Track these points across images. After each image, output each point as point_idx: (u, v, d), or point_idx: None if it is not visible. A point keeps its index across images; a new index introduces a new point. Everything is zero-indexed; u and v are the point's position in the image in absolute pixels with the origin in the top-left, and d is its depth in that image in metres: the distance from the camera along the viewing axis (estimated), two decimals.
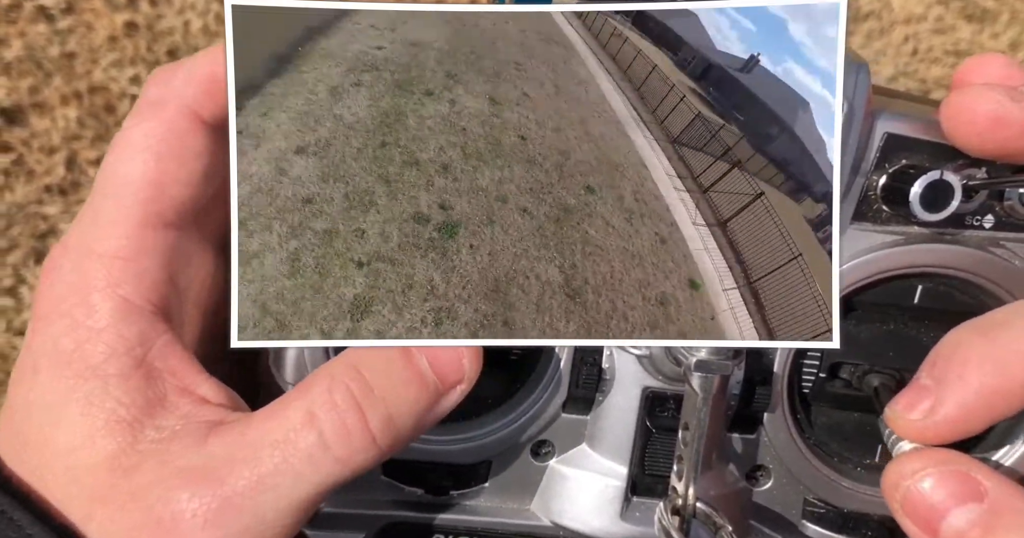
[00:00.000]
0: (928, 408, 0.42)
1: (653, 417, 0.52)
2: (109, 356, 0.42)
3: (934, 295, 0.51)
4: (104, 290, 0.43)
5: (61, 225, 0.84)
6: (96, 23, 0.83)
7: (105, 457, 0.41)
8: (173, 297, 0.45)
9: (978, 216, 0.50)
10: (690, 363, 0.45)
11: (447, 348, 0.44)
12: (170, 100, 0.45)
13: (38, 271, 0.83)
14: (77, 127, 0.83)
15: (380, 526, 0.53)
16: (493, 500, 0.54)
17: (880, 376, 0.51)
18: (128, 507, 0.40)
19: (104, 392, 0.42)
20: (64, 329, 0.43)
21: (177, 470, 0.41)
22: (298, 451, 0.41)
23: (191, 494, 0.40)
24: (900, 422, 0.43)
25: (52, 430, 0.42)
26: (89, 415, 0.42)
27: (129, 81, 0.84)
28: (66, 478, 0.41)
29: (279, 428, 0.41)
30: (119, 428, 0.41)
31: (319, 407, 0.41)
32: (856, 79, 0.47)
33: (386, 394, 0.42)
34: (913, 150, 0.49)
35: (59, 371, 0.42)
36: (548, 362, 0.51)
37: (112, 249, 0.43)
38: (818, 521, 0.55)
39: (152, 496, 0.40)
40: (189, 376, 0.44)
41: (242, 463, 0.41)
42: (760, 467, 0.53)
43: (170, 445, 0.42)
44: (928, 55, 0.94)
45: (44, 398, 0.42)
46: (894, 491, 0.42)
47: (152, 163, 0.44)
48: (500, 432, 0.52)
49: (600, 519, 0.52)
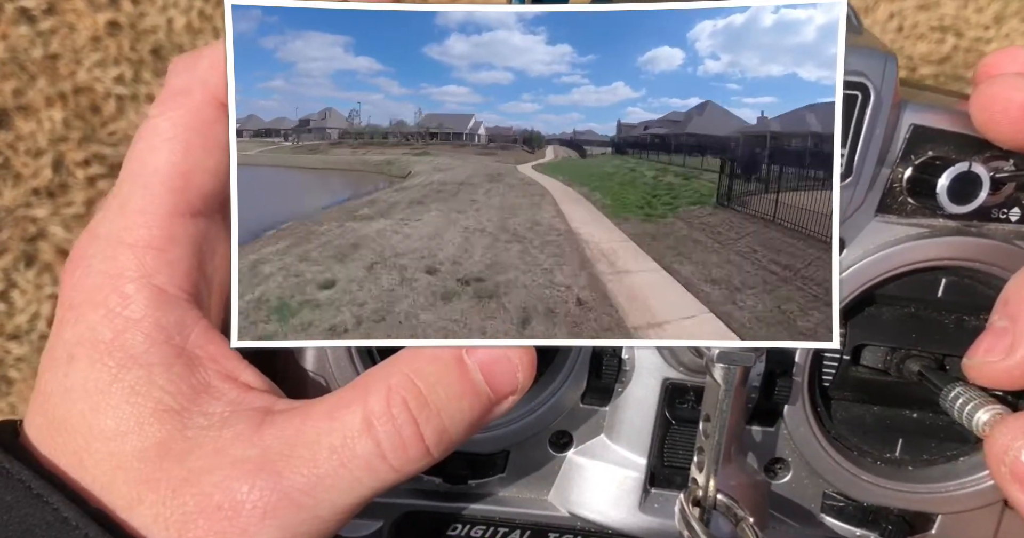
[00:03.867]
0: (1008, 345, 0.42)
1: (673, 408, 0.52)
2: (150, 345, 0.43)
3: (958, 288, 0.51)
4: (138, 280, 0.43)
5: (51, 228, 0.83)
6: (78, 23, 0.82)
7: (154, 443, 0.42)
8: (203, 285, 0.46)
9: (1004, 209, 0.50)
10: (712, 354, 0.45)
11: (502, 360, 0.44)
12: (195, 88, 0.45)
13: (29, 275, 0.82)
14: (63, 129, 0.82)
15: (399, 514, 0.53)
16: (511, 490, 0.54)
17: (920, 360, 0.51)
18: (182, 491, 0.41)
19: (149, 381, 0.42)
20: (100, 319, 0.43)
21: (233, 459, 0.41)
22: (356, 457, 0.41)
23: (251, 485, 0.41)
24: (982, 369, 0.43)
25: (94, 416, 0.42)
26: (135, 403, 0.42)
27: (113, 81, 0.83)
28: (110, 463, 0.42)
29: (337, 431, 0.41)
30: (167, 416, 0.42)
31: (377, 418, 0.42)
32: (884, 70, 0.46)
33: (441, 407, 0.42)
34: (939, 142, 0.49)
35: (99, 359, 0.42)
36: (568, 353, 0.51)
37: (143, 239, 0.44)
38: (838, 515, 0.55)
39: (208, 483, 0.41)
40: (230, 363, 0.44)
41: (300, 461, 0.41)
42: (779, 460, 0.53)
43: (221, 432, 0.42)
44: (913, 31, 0.94)
45: (85, 385, 0.42)
46: (1000, 461, 0.41)
47: (180, 152, 0.44)
48: (519, 422, 0.52)
49: (618, 510, 0.52)
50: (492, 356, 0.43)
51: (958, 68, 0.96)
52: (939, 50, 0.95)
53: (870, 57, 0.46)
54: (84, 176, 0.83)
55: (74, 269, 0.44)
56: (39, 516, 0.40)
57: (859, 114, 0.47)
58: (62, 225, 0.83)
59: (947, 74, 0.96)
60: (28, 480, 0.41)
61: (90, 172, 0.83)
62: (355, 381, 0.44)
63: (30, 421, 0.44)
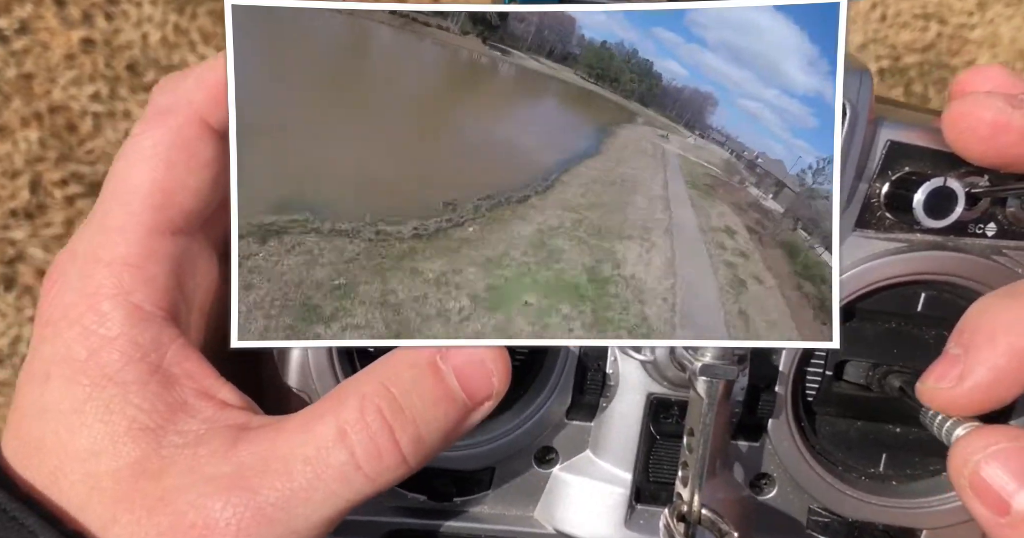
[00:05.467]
0: (958, 374, 0.43)
1: (657, 423, 0.51)
2: (125, 363, 0.42)
3: (937, 303, 0.52)
4: (115, 297, 0.43)
5: (29, 249, 0.82)
6: (52, 42, 0.81)
7: (129, 462, 0.41)
8: (181, 303, 0.45)
9: (980, 224, 0.50)
10: (695, 368, 0.45)
11: (476, 365, 0.44)
12: (179, 107, 0.45)
13: (9, 298, 0.82)
14: (39, 149, 0.82)
15: (383, 533, 0.53)
16: (496, 507, 0.53)
17: (902, 375, 0.51)
18: (156, 510, 0.41)
19: (124, 399, 0.42)
20: (75, 337, 0.43)
21: (207, 477, 0.41)
22: (330, 468, 0.41)
23: (224, 503, 0.40)
24: (934, 394, 0.43)
25: (69, 436, 0.42)
26: (109, 422, 0.42)
27: (89, 99, 0.82)
28: (85, 483, 0.42)
29: (311, 442, 0.41)
30: (142, 434, 0.42)
31: (351, 426, 0.41)
32: (859, 85, 0.47)
33: (416, 414, 0.42)
34: (916, 158, 0.49)
35: (73, 378, 0.42)
36: (552, 368, 0.51)
37: (121, 256, 0.43)
38: (823, 530, 0.55)
39: (183, 501, 0.41)
40: (207, 380, 0.44)
41: (274, 475, 0.41)
42: (764, 475, 0.53)
43: (196, 450, 0.42)
44: (896, 20, 0.94)
45: (59, 405, 0.42)
46: (960, 474, 0.42)
47: (161, 171, 0.44)
48: (504, 438, 0.51)
49: (604, 527, 0.52)
50: (467, 360, 0.43)
51: (942, 55, 0.96)
52: (923, 38, 0.95)
53: (845, 74, 0.46)
54: (62, 196, 0.82)
55: (52, 286, 0.44)
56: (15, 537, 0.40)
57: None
58: (41, 247, 0.82)
59: (931, 62, 0.96)
60: (3, 502, 0.41)
61: (68, 192, 0.82)
62: (330, 392, 0.43)
63: (6, 441, 0.44)
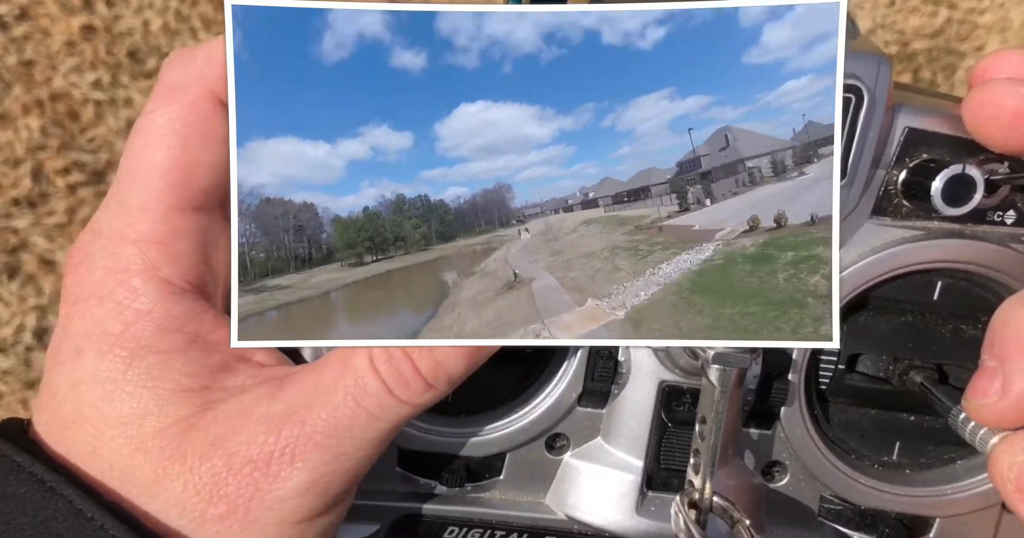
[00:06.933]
0: (1000, 388, 0.42)
1: (669, 411, 0.51)
2: (163, 334, 0.43)
3: (954, 292, 0.51)
4: (144, 273, 0.44)
5: (32, 238, 0.81)
6: (52, 28, 0.81)
7: (176, 420, 0.43)
8: (208, 277, 0.46)
9: (999, 211, 0.50)
10: (708, 356, 0.45)
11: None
12: (191, 83, 0.45)
13: (13, 287, 0.81)
14: (41, 137, 0.81)
15: (395, 518, 0.53)
16: (507, 493, 0.54)
17: (923, 371, 0.51)
18: (208, 455, 0.42)
19: (166, 365, 0.43)
20: (107, 312, 0.43)
21: (259, 418, 0.43)
22: (368, 395, 0.43)
23: (277, 436, 0.42)
24: (980, 411, 0.43)
25: (107, 405, 0.43)
26: (154, 388, 0.43)
27: (91, 86, 0.82)
28: (129, 446, 0.43)
29: (351, 371, 0.43)
30: (187, 395, 0.43)
31: (376, 359, 0.43)
32: (878, 73, 0.46)
33: (433, 348, 0.44)
34: (934, 145, 0.49)
35: (109, 351, 0.43)
36: (563, 355, 0.51)
37: (146, 233, 0.44)
38: (835, 518, 0.55)
39: (235, 443, 0.42)
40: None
41: (320, 407, 0.43)
42: (776, 463, 0.53)
43: (242, 397, 0.43)
44: (905, 5, 0.93)
45: (95, 376, 0.43)
46: (1006, 478, 0.42)
47: (178, 147, 0.44)
48: (515, 425, 0.52)
49: (615, 513, 0.52)
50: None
51: (951, 41, 0.95)
52: (932, 23, 0.94)
53: (864, 60, 0.47)
54: (64, 184, 0.82)
55: (77, 266, 0.45)
56: (54, 508, 0.41)
57: (853, 117, 0.47)
58: (44, 235, 0.82)
59: (940, 48, 0.95)
60: (40, 474, 0.42)
61: (70, 180, 0.82)
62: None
63: (37, 419, 0.45)
